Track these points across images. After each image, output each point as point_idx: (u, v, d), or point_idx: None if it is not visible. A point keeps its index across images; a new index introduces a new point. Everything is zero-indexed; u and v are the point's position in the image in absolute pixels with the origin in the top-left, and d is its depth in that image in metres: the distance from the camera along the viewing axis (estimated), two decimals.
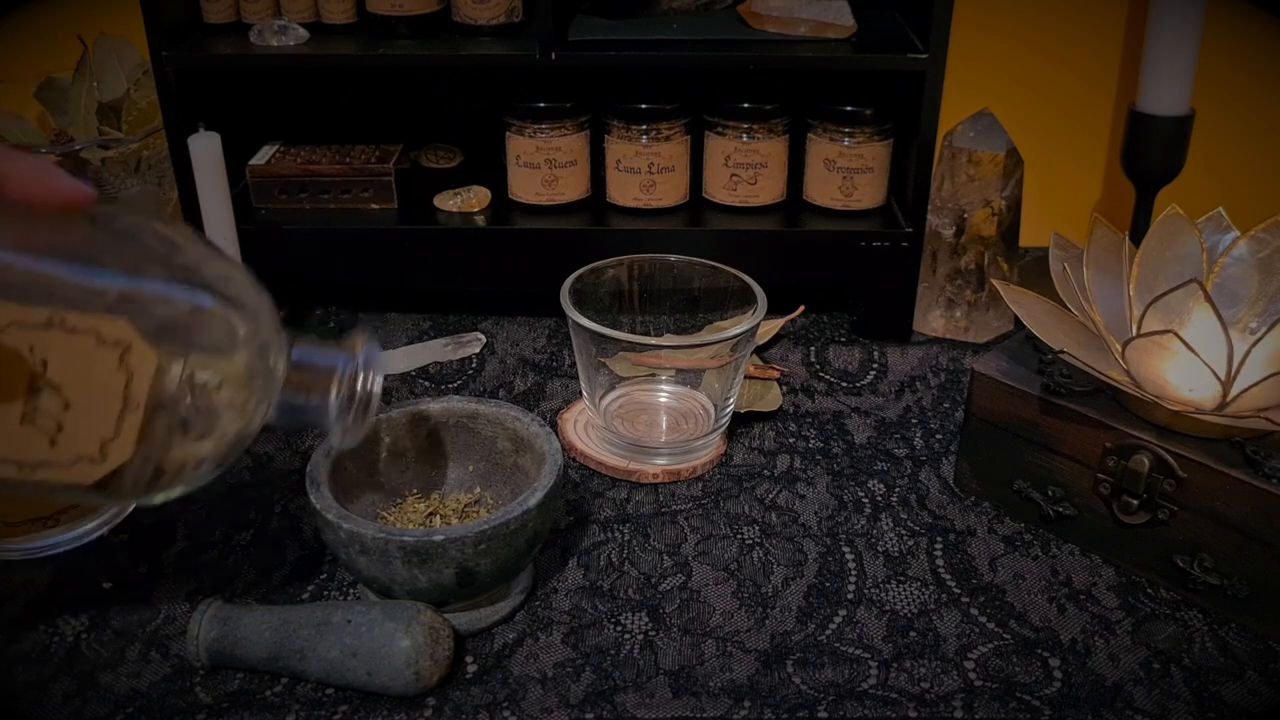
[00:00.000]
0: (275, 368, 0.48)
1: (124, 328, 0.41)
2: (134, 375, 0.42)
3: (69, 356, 0.41)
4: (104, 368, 0.42)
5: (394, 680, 0.56)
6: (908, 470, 0.76)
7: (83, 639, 0.61)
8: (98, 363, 0.41)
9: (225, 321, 0.45)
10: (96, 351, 0.41)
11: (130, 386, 0.42)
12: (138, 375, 0.42)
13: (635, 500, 0.73)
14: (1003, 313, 0.92)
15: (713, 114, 0.89)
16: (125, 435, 0.42)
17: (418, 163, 1.00)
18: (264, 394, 0.48)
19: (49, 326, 0.41)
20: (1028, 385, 0.68)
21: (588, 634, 0.62)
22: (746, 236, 0.89)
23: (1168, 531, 0.64)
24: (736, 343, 0.73)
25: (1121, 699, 0.58)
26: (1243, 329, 0.66)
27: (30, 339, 0.41)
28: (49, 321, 0.41)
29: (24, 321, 0.40)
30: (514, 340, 0.91)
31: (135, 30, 0.84)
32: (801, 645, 0.61)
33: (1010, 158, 0.88)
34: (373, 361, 0.52)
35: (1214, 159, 1.03)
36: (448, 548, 0.56)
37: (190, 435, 0.45)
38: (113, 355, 0.41)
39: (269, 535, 0.69)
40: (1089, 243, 0.68)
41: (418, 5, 0.86)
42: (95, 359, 0.41)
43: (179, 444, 0.45)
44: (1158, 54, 0.93)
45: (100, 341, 0.41)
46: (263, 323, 0.47)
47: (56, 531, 0.67)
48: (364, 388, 0.52)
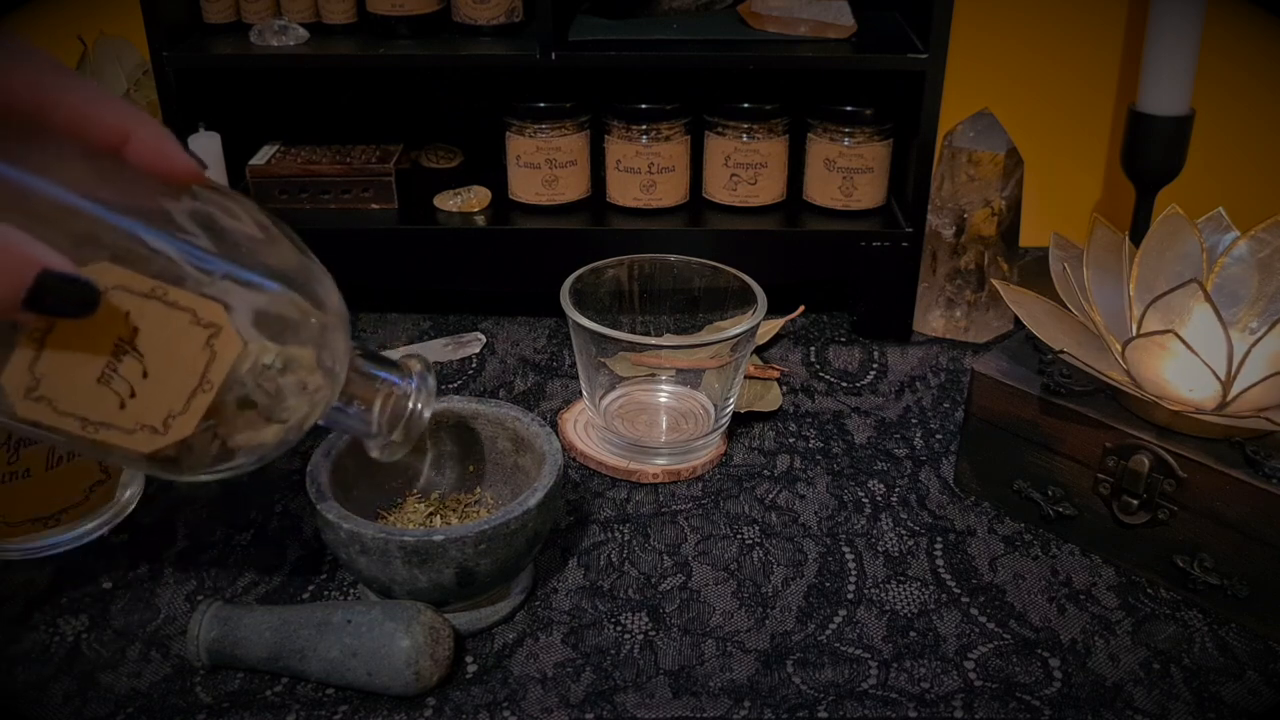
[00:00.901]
0: (339, 368, 0.49)
1: (219, 312, 0.42)
2: (216, 358, 0.43)
3: (161, 329, 0.42)
4: (190, 346, 0.42)
5: (394, 680, 0.56)
6: (908, 470, 0.76)
7: (83, 639, 0.61)
8: (186, 340, 0.42)
9: (307, 316, 0.46)
10: (188, 329, 0.42)
11: (210, 368, 0.43)
12: (219, 359, 0.43)
13: (635, 500, 0.73)
14: (1003, 313, 0.92)
15: (713, 114, 0.89)
16: (191, 413, 0.43)
17: (418, 163, 1.00)
18: (327, 390, 0.49)
19: (150, 296, 0.41)
20: (1028, 385, 0.68)
21: (588, 634, 0.62)
22: (746, 236, 0.89)
23: (1168, 531, 0.64)
24: (736, 343, 0.73)
25: (1121, 699, 0.58)
26: (1243, 329, 0.66)
27: (130, 304, 0.41)
28: (152, 292, 0.41)
29: (129, 287, 0.41)
30: (514, 340, 0.91)
31: (135, 30, 0.84)
32: (801, 645, 0.61)
33: (1010, 158, 0.88)
34: (425, 387, 0.54)
35: (1214, 159, 1.03)
36: (448, 548, 0.56)
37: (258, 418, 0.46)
38: (202, 335, 0.42)
39: (269, 535, 0.69)
40: (1089, 243, 0.68)
41: (418, 5, 0.86)
42: (185, 336, 0.42)
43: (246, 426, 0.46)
44: (1158, 54, 0.93)
45: (195, 320, 0.42)
46: (335, 323, 0.48)
47: (56, 531, 0.67)
48: (413, 409, 0.54)
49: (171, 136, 0.43)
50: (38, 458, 0.64)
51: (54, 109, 0.41)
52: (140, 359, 0.42)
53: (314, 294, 0.47)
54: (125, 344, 0.42)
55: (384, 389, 0.53)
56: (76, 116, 0.42)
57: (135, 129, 0.42)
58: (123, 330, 0.42)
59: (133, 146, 0.42)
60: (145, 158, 0.42)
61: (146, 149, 0.42)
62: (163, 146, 0.43)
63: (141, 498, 0.72)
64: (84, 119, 0.42)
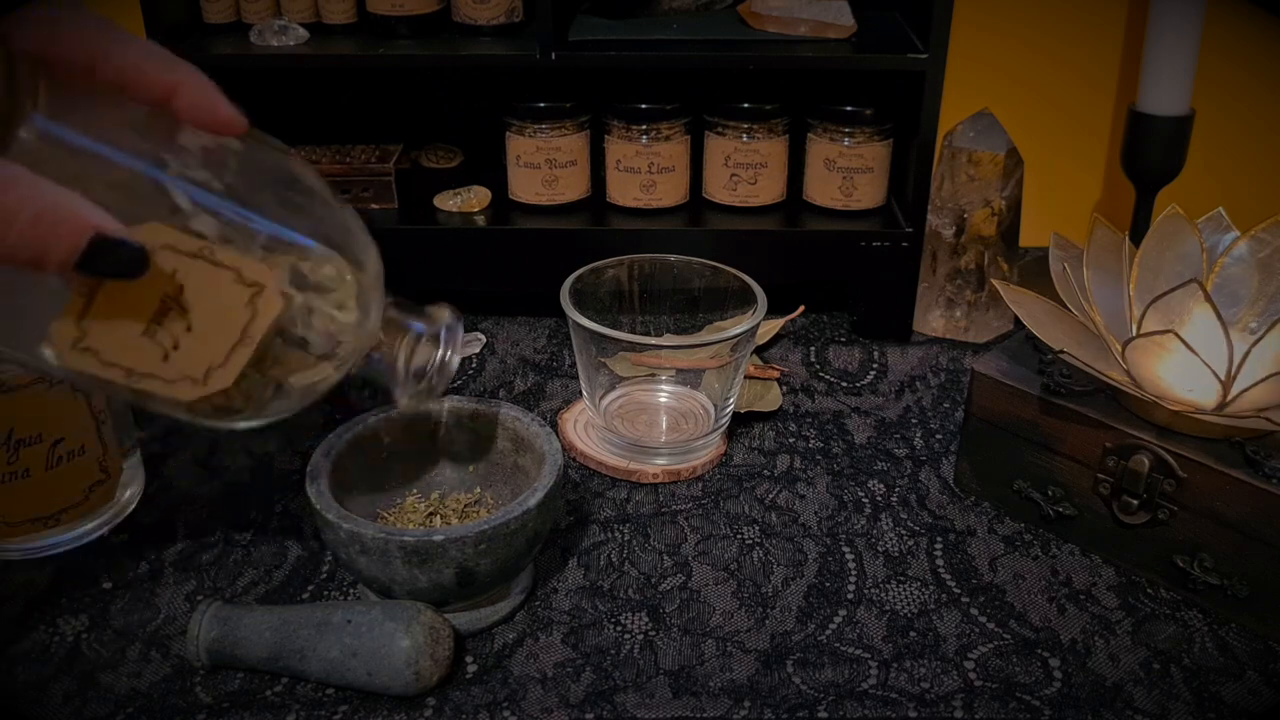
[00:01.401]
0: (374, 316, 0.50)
1: (263, 271, 0.44)
2: (257, 315, 0.44)
3: (206, 286, 0.43)
4: (234, 303, 0.44)
5: (394, 680, 0.56)
6: (908, 470, 0.76)
7: (83, 639, 0.61)
8: (230, 297, 0.43)
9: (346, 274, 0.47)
10: (232, 287, 0.43)
11: (251, 325, 0.44)
12: (260, 316, 0.44)
13: (635, 500, 0.73)
14: (1003, 313, 0.92)
15: (713, 114, 0.89)
16: (231, 366, 0.45)
17: (418, 163, 1.00)
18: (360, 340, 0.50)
19: (197, 256, 0.43)
20: (1028, 385, 0.68)
21: (588, 634, 0.62)
22: (746, 236, 0.89)
23: (1168, 531, 0.64)
24: (736, 343, 0.73)
25: (1121, 699, 0.58)
26: (1243, 329, 0.66)
27: (176, 263, 0.42)
28: (199, 251, 0.42)
29: (177, 246, 0.42)
30: (514, 340, 0.91)
31: (135, 30, 0.84)
32: (801, 645, 0.61)
33: (1010, 158, 0.88)
34: (454, 333, 0.55)
35: (1214, 159, 1.03)
36: (448, 548, 0.56)
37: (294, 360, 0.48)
38: (245, 294, 0.44)
39: (269, 535, 0.69)
40: (1089, 243, 0.68)
41: (418, 5, 0.86)
42: (229, 294, 0.43)
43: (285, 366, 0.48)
44: (1158, 54, 0.93)
45: (239, 279, 0.43)
46: (372, 280, 0.49)
47: (56, 531, 0.67)
48: (442, 356, 0.54)
49: (217, 89, 0.44)
50: (38, 458, 0.64)
51: (103, 64, 0.42)
52: (185, 314, 0.43)
53: (352, 250, 0.48)
54: (171, 300, 0.43)
55: (412, 336, 0.54)
56: (125, 71, 0.42)
57: (182, 82, 0.43)
58: (169, 287, 0.43)
59: (180, 100, 0.43)
60: (192, 111, 0.43)
61: (193, 102, 0.43)
62: (209, 100, 0.43)
63: (141, 498, 0.72)
64: (133, 73, 0.42)
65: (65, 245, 0.38)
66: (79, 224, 0.38)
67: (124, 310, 0.43)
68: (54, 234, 0.38)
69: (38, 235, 0.37)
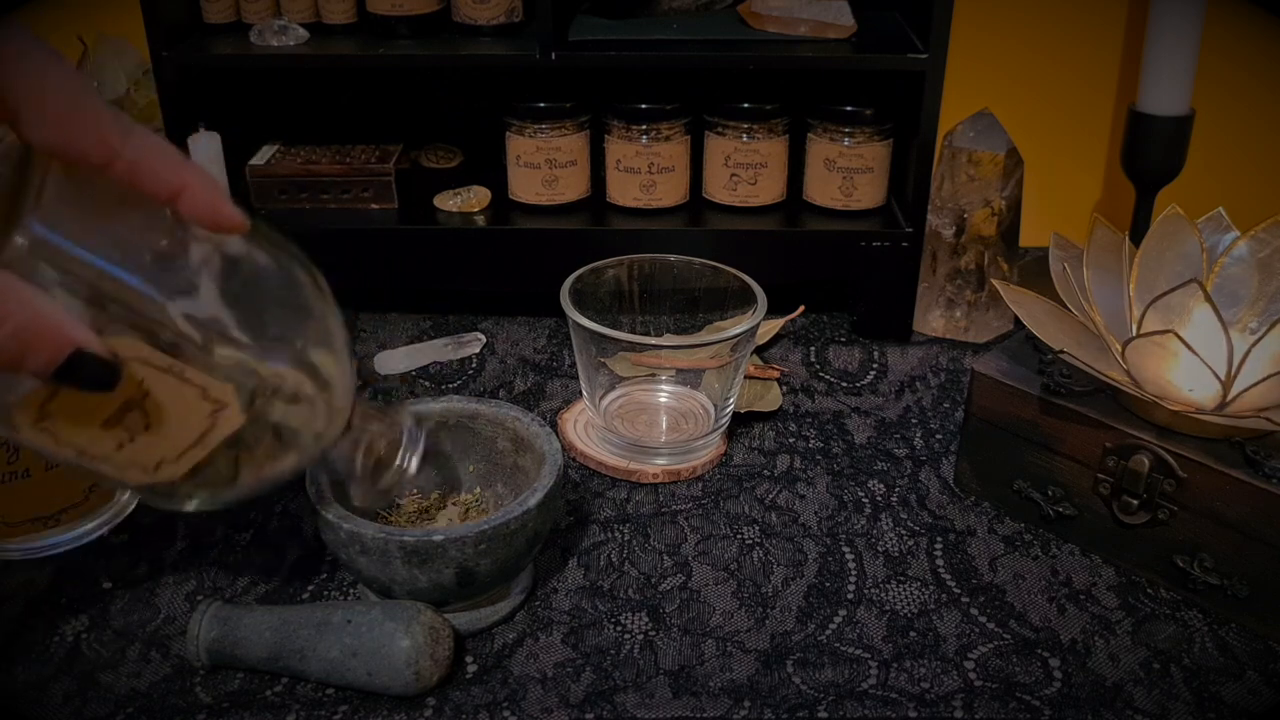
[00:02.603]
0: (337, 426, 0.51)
1: (229, 393, 0.45)
2: (215, 427, 0.45)
3: (170, 397, 0.44)
4: (195, 415, 0.45)
5: (394, 680, 0.56)
6: (908, 470, 0.76)
7: (83, 639, 0.61)
8: (192, 410, 0.45)
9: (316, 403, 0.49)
10: (196, 402, 0.45)
11: (208, 435, 0.45)
12: (218, 429, 0.45)
13: (635, 500, 0.73)
14: (1003, 313, 0.92)
15: (713, 114, 0.89)
16: (182, 463, 0.46)
17: (418, 163, 1.00)
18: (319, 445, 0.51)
19: (167, 371, 0.44)
20: (1028, 385, 0.68)
21: (588, 634, 0.62)
22: (746, 236, 0.89)
23: (1168, 531, 0.64)
24: (736, 343, 0.73)
25: (1121, 699, 0.58)
26: (1243, 329, 0.66)
27: (145, 374, 0.43)
28: (169, 369, 0.44)
29: (148, 361, 0.43)
30: (514, 340, 0.91)
31: (135, 30, 0.84)
32: (801, 645, 0.61)
33: (1010, 158, 0.88)
34: (414, 439, 0.55)
35: (1214, 159, 1.03)
36: (448, 548, 0.56)
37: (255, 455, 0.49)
38: (207, 408, 0.45)
39: (269, 535, 0.69)
40: (1089, 243, 0.68)
41: (418, 5, 0.86)
42: (191, 407, 0.45)
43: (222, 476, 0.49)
44: (1158, 54, 0.93)
45: (203, 396, 0.45)
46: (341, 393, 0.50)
47: (56, 531, 0.67)
48: (400, 461, 0.55)
49: (221, 191, 0.45)
50: (38, 458, 0.64)
51: (116, 161, 0.42)
52: (145, 416, 0.44)
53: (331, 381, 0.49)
54: (134, 402, 0.44)
55: (373, 438, 0.54)
56: (136, 169, 0.43)
57: (190, 183, 0.44)
58: (134, 393, 0.43)
59: (185, 201, 0.44)
60: (197, 211, 0.44)
61: (199, 203, 0.44)
62: (214, 202, 0.44)
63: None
64: (141, 170, 0.43)
65: (44, 358, 0.39)
66: (60, 339, 0.39)
67: (87, 405, 0.43)
68: (34, 347, 0.39)
69: (18, 346, 0.38)
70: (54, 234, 0.41)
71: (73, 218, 0.42)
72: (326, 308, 0.49)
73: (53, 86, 0.42)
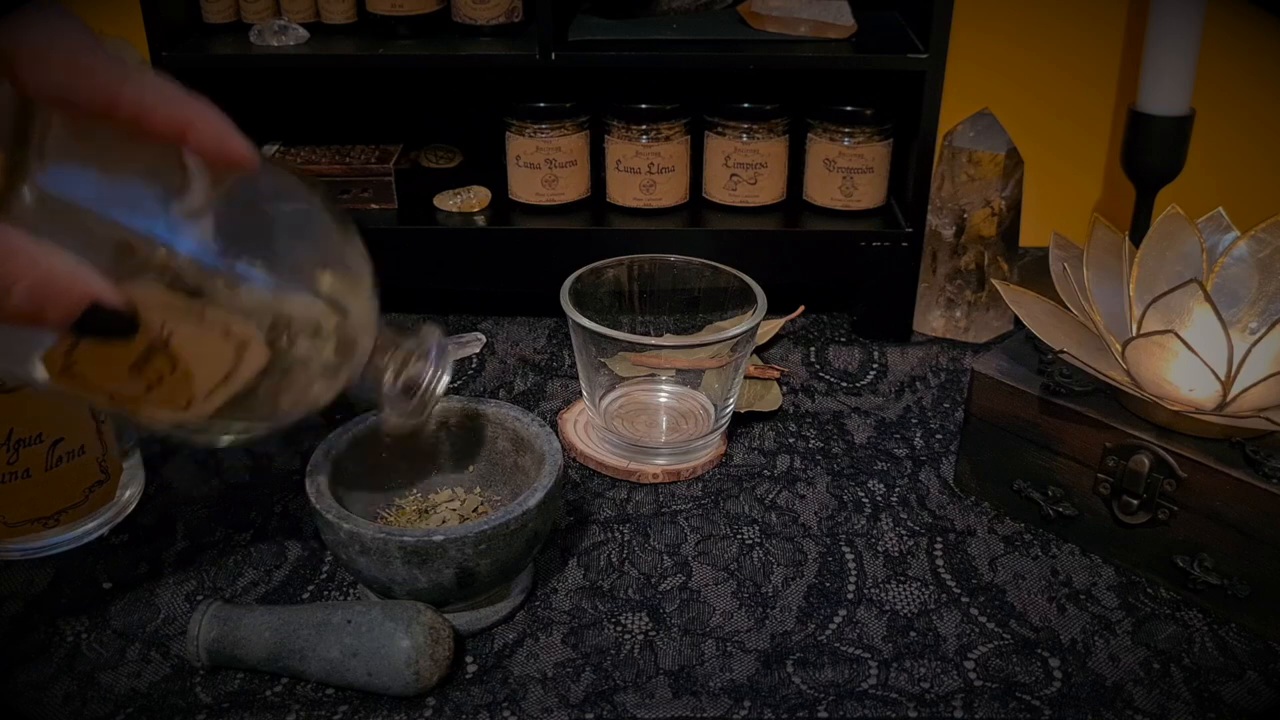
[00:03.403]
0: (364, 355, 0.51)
1: (250, 330, 0.45)
2: (242, 364, 0.45)
3: (193, 337, 0.44)
4: (219, 353, 0.45)
5: (394, 680, 0.56)
6: (908, 470, 0.76)
7: (83, 639, 0.61)
8: (215, 348, 0.45)
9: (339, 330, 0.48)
10: (219, 341, 0.44)
11: (235, 372, 0.45)
12: (245, 365, 0.45)
13: (635, 500, 0.73)
14: (1003, 313, 0.92)
15: (713, 114, 0.89)
16: (211, 401, 0.46)
17: (418, 163, 1.00)
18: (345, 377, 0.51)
19: (187, 314, 0.43)
20: (1028, 385, 0.68)
21: (588, 634, 0.62)
22: (746, 236, 0.89)
23: (1168, 531, 0.64)
24: (736, 343, 0.73)
25: (1121, 699, 0.58)
26: (1243, 329, 0.66)
27: (167, 316, 0.43)
28: (189, 309, 0.43)
29: (165, 305, 0.43)
30: (514, 340, 0.91)
31: (135, 30, 0.84)
32: (801, 645, 0.61)
33: (1010, 158, 0.88)
34: (445, 353, 0.55)
35: (1214, 159, 1.03)
36: (448, 548, 0.56)
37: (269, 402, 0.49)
38: (231, 346, 0.45)
39: (269, 535, 0.69)
40: (1089, 243, 0.68)
41: (418, 5, 0.86)
42: (215, 345, 0.44)
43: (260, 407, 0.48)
44: (1158, 54, 0.93)
45: (226, 335, 0.44)
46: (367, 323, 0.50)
47: (56, 531, 0.67)
48: (431, 375, 0.55)
49: (229, 124, 0.44)
50: (37, 458, 0.64)
51: (119, 102, 0.42)
52: (170, 358, 0.44)
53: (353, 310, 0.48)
54: (158, 346, 0.44)
55: (402, 355, 0.54)
56: (140, 109, 0.42)
57: (195, 120, 0.43)
58: (157, 337, 0.43)
59: (193, 137, 0.43)
60: (206, 148, 0.44)
61: (207, 139, 0.44)
62: (222, 136, 0.44)
63: (141, 498, 0.72)
64: (147, 111, 0.43)
65: (62, 311, 0.39)
66: (76, 292, 0.39)
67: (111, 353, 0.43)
68: (51, 301, 0.38)
69: (35, 302, 0.38)
70: (61, 186, 0.40)
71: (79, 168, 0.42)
72: (345, 236, 0.48)
73: (48, 35, 0.41)
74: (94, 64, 0.42)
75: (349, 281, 0.49)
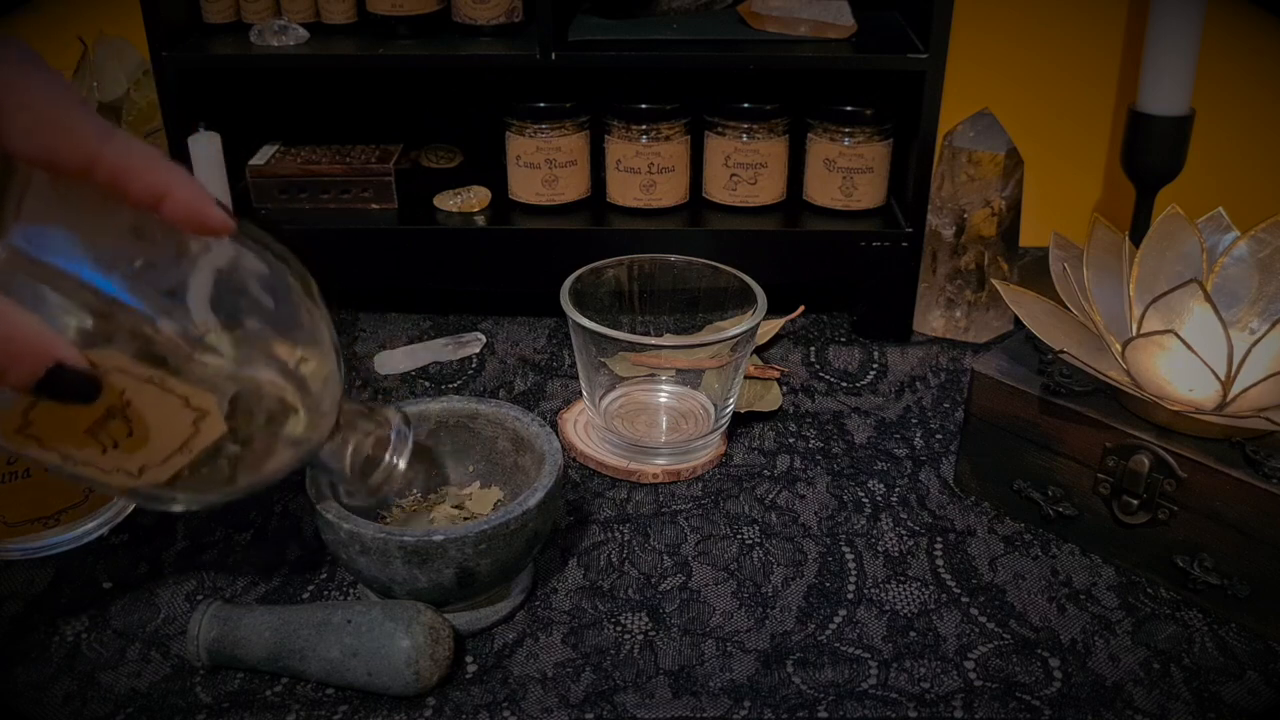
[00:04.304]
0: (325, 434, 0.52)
1: (209, 400, 0.45)
2: (199, 434, 0.45)
3: (152, 406, 0.44)
4: (178, 423, 0.45)
5: (394, 680, 0.56)
6: (908, 470, 0.76)
7: (83, 639, 0.61)
8: (174, 418, 0.45)
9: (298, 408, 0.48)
10: (178, 410, 0.44)
11: (191, 441, 0.45)
12: (202, 435, 0.45)
13: (635, 500, 0.73)
14: (1003, 313, 0.92)
15: (713, 114, 0.89)
16: (166, 469, 0.46)
17: (418, 163, 1.00)
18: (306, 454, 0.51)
19: (148, 381, 0.43)
20: (1028, 385, 0.68)
21: (588, 634, 0.62)
22: (746, 236, 0.89)
23: (1168, 531, 0.64)
24: (736, 343, 0.73)
25: (1121, 699, 0.58)
26: (1243, 329, 0.66)
27: (127, 384, 0.43)
28: (150, 379, 0.43)
29: (130, 371, 0.43)
30: (514, 340, 0.91)
31: (135, 30, 0.84)
32: (801, 645, 0.61)
33: (1010, 158, 0.88)
34: (403, 439, 0.56)
35: (1214, 159, 1.03)
36: (448, 548, 0.56)
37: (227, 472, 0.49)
38: (190, 416, 0.45)
39: (269, 535, 0.69)
40: (1089, 243, 0.68)
41: (418, 5, 0.86)
42: (174, 414, 0.45)
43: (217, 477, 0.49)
44: (1158, 54, 0.93)
45: (186, 405, 0.44)
46: (328, 401, 0.50)
47: (56, 531, 0.67)
48: (390, 462, 0.55)
49: (205, 192, 0.44)
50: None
51: (98, 165, 0.42)
52: (127, 423, 0.44)
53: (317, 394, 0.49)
54: (116, 411, 0.44)
55: (361, 438, 0.54)
56: (118, 172, 0.42)
57: (173, 186, 0.43)
58: (116, 401, 0.43)
59: (169, 205, 0.43)
60: (181, 215, 0.43)
61: (183, 207, 0.43)
62: (198, 204, 0.44)
63: None
64: (124, 175, 0.42)
65: (25, 372, 0.39)
66: (40, 354, 0.39)
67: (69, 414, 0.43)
68: (15, 361, 0.39)
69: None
70: (35, 247, 0.40)
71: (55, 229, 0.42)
72: (314, 311, 0.49)
73: (32, 93, 0.41)
74: (75, 123, 0.41)
75: (314, 356, 0.49)
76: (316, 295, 0.49)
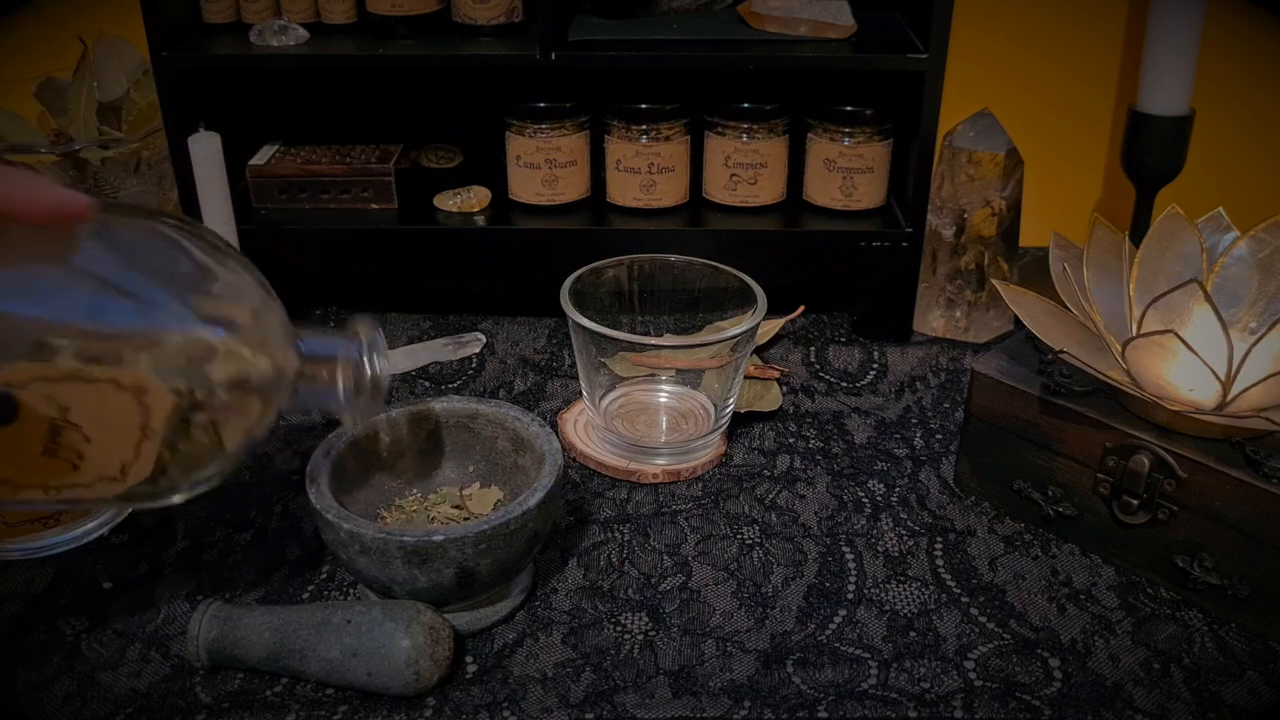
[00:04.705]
0: (285, 369, 0.50)
1: (137, 375, 0.44)
2: (151, 411, 0.44)
3: (89, 401, 0.43)
4: (123, 408, 0.44)
5: (394, 680, 0.56)
6: (908, 470, 0.76)
7: (83, 639, 0.61)
8: (116, 404, 0.44)
9: (235, 349, 0.47)
10: (115, 395, 0.44)
11: (148, 421, 0.44)
12: (155, 410, 0.44)
13: (635, 500, 0.73)
14: (1003, 313, 0.92)
15: (713, 114, 0.89)
16: (144, 459, 0.45)
17: (418, 163, 1.00)
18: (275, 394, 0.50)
19: (70, 379, 0.43)
20: (1028, 385, 0.68)
21: (588, 634, 0.62)
22: (746, 236, 0.89)
23: (1168, 531, 0.64)
24: (736, 343, 0.73)
25: (1121, 699, 0.58)
26: (1243, 329, 0.66)
27: (50, 390, 0.42)
28: (69, 375, 0.43)
29: (45, 377, 0.42)
30: (514, 340, 0.91)
31: (135, 30, 0.84)
32: (801, 645, 0.61)
33: (1010, 158, 0.88)
34: (376, 346, 0.55)
35: (1214, 159, 1.03)
36: (448, 548, 0.56)
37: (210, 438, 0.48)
38: (130, 397, 0.44)
39: (269, 535, 0.69)
40: (1089, 243, 0.68)
41: (418, 5, 0.86)
42: (114, 401, 0.44)
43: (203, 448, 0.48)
44: (1158, 54, 0.93)
45: (119, 387, 0.43)
46: (271, 334, 0.48)
47: (56, 531, 0.67)
48: (371, 371, 0.54)
49: (48, 182, 0.42)
50: None
51: None
52: (78, 429, 0.44)
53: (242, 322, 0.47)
54: (59, 421, 0.43)
55: (337, 362, 0.53)
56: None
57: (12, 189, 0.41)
58: (52, 411, 0.43)
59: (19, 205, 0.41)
60: (35, 211, 0.41)
61: (33, 203, 0.41)
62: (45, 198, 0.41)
63: None
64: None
65: None
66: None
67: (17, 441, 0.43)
68: None
69: None
70: None
71: None
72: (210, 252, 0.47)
73: None
74: None
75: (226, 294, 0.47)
76: (209, 236, 0.47)
